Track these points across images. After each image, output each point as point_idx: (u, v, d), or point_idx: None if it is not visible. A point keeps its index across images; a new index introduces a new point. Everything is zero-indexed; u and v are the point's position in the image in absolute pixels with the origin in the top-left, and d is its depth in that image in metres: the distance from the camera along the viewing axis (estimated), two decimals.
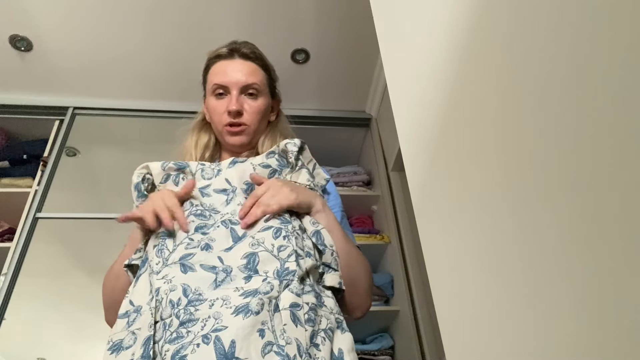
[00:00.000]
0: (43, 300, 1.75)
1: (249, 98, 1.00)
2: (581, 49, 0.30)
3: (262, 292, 0.66)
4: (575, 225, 0.31)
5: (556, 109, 0.33)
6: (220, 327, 0.61)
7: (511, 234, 0.38)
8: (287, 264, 0.70)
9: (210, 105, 1.01)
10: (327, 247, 0.79)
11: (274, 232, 0.75)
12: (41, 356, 1.64)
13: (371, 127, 2.44)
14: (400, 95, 0.64)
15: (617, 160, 0.27)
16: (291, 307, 0.66)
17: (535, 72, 0.35)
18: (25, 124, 2.21)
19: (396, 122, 0.64)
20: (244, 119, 0.98)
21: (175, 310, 0.65)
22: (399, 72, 0.65)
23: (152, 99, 2.29)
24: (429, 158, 0.54)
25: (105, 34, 2.03)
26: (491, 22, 0.41)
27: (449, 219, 0.49)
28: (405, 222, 2.09)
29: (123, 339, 0.66)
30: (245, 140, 1.00)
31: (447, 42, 0.49)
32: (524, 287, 0.36)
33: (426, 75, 0.55)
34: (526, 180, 0.36)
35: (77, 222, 1.93)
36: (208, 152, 1.04)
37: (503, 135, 0.39)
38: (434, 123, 0.52)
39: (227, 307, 0.64)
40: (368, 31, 2.03)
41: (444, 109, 0.50)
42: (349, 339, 0.72)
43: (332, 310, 0.74)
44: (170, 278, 0.69)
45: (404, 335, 1.91)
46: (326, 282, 0.78)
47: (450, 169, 0.49)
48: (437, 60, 0.52)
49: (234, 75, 0.99)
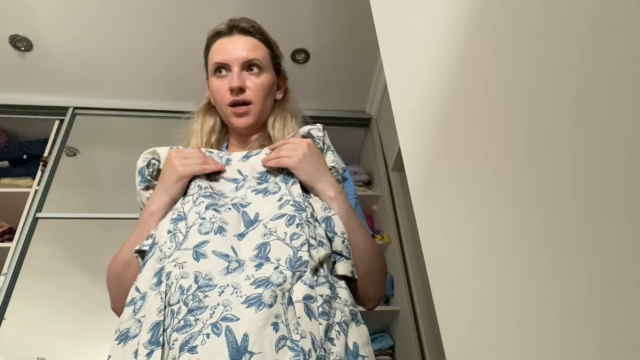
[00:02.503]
0: (43, 300, 1.75)
1: (251, 74, 0.94)
2: (582, 49, 0.30)
3: (275, 283, 0.63)
4: (576, 224, 0.31)
5: (556, 109, 0.33)
6: (229, 316, 0.59)
7: (511, 233, 0.38)
8: (299, 253, 0.68)
9: (213, 86, 0.96)
10: (338, 234, 0.76)
11: (287, 219, 0.72)
12: (41, 356, 1.64)
13: (371, 127, 2.44)
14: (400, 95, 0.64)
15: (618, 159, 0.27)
16: (305, 299, 0.63)
17: (535, 72, 0.35)
18: (25, 124, 2.21)
19: (396, 122, 0.64)
20: (247, 96, 0.93)
21: (184, 296, 0.62)
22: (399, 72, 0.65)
23: (152, 99, 2.29)
24: (429, 158, 0.54)
25: (105, 34, 2.03)
26: (491, 22, 0.41)
27: (449, 219, 0.49)
28: (405, 222, 2.09)
29: (130, 328, 0.65)
30: (251, 121, 0.94)
31: (447, 42, 0.49)
32: (525, 287, 0.36)
33: (426, 75, 0.55)
34: (526, 180, 0.36)
35: (77, 222, 1.93)
36: (214, 136, 0.99)
37: (503, 135, 0.39)
38: (434, 123, 0.52)
39: (237, 295, 0.62)
40: (368, 31, 2.03)
41: (444, 109, 0.50)
42: (364, 332, 0.70)
43: (347, 302, 0.71)
44: (182, 263, 0.66)
45: (404, 335, 1.91)
46: (338, 270, 0.75)
47: (450, 169, 0.49)
48: (437, 61, 0.52)
49: (234, 51, 0.94)
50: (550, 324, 0.33)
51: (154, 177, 0.88)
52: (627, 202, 0.27)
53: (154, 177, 0.88)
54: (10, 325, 1.66)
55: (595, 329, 0.29)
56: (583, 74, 0.30)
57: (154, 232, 0.78)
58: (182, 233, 0.71)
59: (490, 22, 0.41)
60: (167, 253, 0.69)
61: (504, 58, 0.39)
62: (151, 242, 0.76)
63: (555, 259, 0.33)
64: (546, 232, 0.34)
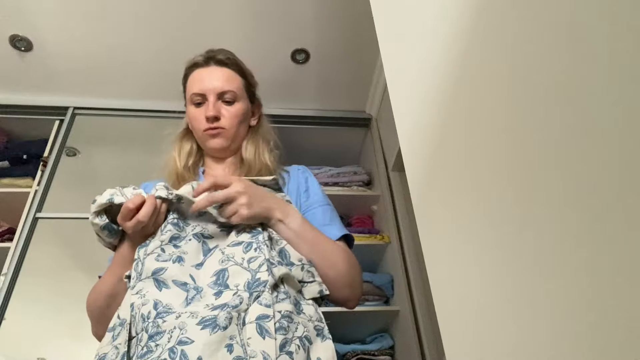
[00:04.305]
0: (43, 300, 1.75)
1: (226, 104, 1.01)
2: (582, 48, 0.30)
3: (231, 305, 0.65)
4: (577, 224, 0.31)
5: (557, 109, 0.33)
6: (185, 339, 0.61)
7: (512, 233, 0.38)
8: (258, 274, 0.69)
9: (190, 114, 1.03)
10: (295, 263, 0.77)
11: (245, 246, 0.74)
12: (41, 356, 1.64)
13: (371, 127, 2.43)
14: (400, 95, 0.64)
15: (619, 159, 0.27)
16: (258, 319, 0.64)
17: (535, 72, 0.35)
18: (25, 124, 2.21)
19: (396, 122, 0.64)
20: (221, 124, 1.00)
21: (145, 324, 0.64)
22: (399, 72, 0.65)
23: (152, 99, 2.29)
24: (429, 158, 0.54)
25: (105, 34, 2.03)
26: (491, 22, 0.41)
27: (449, 218, 0.49)
28: (405, 222, 2.09)
29: (107, 353, 0.67)
30: (224, 143, 1.01)
31: (447, 42, 0.49)
32: (525, 286, 0.36)
33: (426, 75, 0.55)
34: (526, 180, 0.36)
35: (77, 222, 1.92)
36: (191, 159, 1.05)
37: (503, 135, 0.39)
38: (434, 123, 0.52)
39: (193, 317, 0.63)
40: (368, 31, 2.03)
41: (444, 109, 0.50)
42: (330, 347, 0.71)
43: (312, 317, 0.73)
44: (144, 293, 0.68)
45: (404, 335, 1.91)
46: (305, 295, 0.77)
47: (450, 169, 0.49)
48: (437, 61, 0.52)
49: (210, 82, 1.00)
50: (550, 324, 0.33)
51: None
52: (631, 200, 0.27)
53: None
54: (10, 325, 1.66)
55: (595, 329, 0.29)
56: (585, 73, 0.30)
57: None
58: (141, 260, 0.73)
59: (490, 22, 0.41)
60: (132, 284, 0.72)
61: (504, 58, 0.39)
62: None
63: (556, 258, 0.33)
64: (547, 230, 0.34)
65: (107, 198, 0.77)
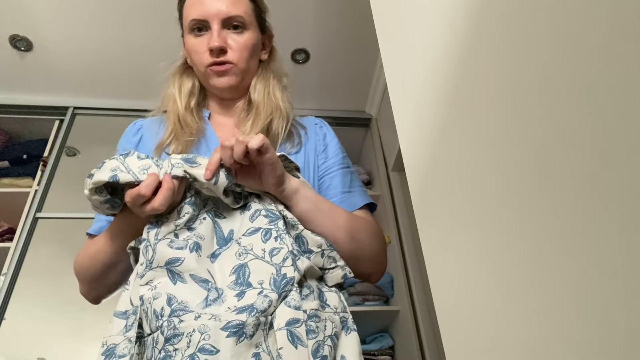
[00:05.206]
0: (43, 300, 1.75)
1: (233, 32, 0.84)
2: (582, 47, 0.30)
3: (259, 310, 0.57)
4: (578, 224, 0.31)
5: (557, 108, 0.33)
6: (209, 347, 0.54)
7: (512, 233, 0.38)
8: (283, 270, 0.60)
9: (189, 45, 0.85)
10: (314, 250, 0.68)
11: (263, 234, 0.64)
12: (41, 356, 1.64)
13: (371, 127, 2.44)
14: (400, 95, 0.64)
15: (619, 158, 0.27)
16: (288, 325, 0.57)
17: (535, 72, 0.35)
18: (25, 124, 2.21)
19: (396, 122, 0.64)
20: (229, 57, 0.83)
21: (159, 322, 0.57)
22: (399, 72, 0.65)
23: (152, 99, 2.29)
24: (429, 158, 0.54)
25: (105, 33, 2.03)
26: (492, 22, 0.41)
27: (449, 219, 0.49)
28: (405, 222, 2.09)
29: (117, 345, 0.58)
30: (233, 81, 0.84)
31: (447, 42, 0.49)
32: (525, 287, 0.36)
33: (426, 75, 0.55)
34: (527, 180, 0.36)
35: (77, 222, 1.93)
36: (194, 100, 0.89)
37: (503, 135, 0.39)
38: (434, 123, 0.52)
39: (215, 320, 0.55)
40: (368, 31, 2.03)
41: (444, 109, 0.50)
42: (355, 340, 0.64)
43: (337, 308, 0.66)
44: (156, 284, 0.60)
45: (404, 335, 1.91)
46: (328, 282, 0.69)
47: (450, 169, 0.49)
48: (437, 61, 0.52)
49: (213, 5, 0.82)
50: (551, 325, 0.33)
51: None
52: (632, 201, 0.27)
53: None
54: (10, 325, 1.66)
55: (596, 329, 0.29)
56: (585, 71, 0.30)
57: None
58: (152, 246, 0.62)
59: (491, 22, 0.41)
60: (140, 271, 0.62)
61: (504, 58, 0.39)
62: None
63: (558, 259, 0.33)
64: (548, 230, 0.34)
65: (109, 175, 0.65)
